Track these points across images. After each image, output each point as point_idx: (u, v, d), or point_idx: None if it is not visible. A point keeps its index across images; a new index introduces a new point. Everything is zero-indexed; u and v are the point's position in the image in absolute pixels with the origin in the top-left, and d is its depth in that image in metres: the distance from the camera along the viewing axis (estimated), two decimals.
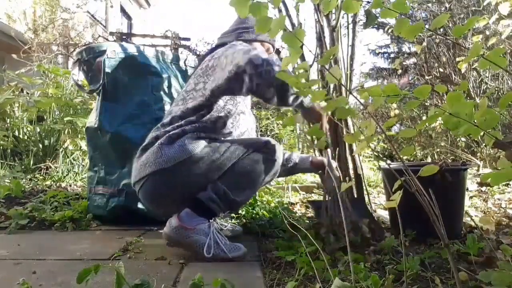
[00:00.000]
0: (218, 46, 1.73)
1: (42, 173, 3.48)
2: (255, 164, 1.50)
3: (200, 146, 1.49)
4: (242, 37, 1.72)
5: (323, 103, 1.54)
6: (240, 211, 2.16)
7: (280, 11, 1.92)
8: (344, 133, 1.89)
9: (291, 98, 1.50)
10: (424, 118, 5.08)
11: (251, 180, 1.52)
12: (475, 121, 0.77)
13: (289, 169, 1.89)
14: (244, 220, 2.06)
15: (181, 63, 2.31)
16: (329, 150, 1.78)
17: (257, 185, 1.56)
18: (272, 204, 2.34)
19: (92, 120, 2.13)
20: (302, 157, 1.92)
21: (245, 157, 1.50)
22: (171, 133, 1.52)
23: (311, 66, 1.90)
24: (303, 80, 1.00)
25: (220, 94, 1.56)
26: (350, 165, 1.91)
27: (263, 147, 1.53)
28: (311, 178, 3.57)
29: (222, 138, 1.58)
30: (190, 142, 1.48)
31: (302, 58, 1.95)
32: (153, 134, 1.57)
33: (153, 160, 1.48)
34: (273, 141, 1.58)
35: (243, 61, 1.44)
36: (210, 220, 1.50)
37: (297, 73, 1.02)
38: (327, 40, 1.89)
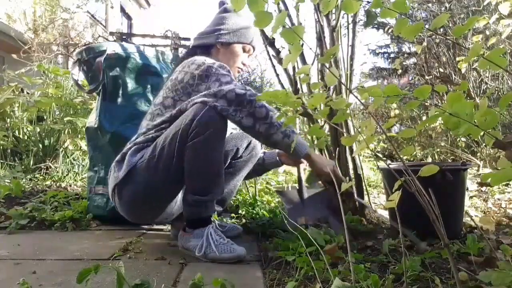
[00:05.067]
0: (195, 47, 1.72)
1: (42, 173, 3.48)
2: (196, 156, 1.44)
3: (140, 154, 1.53)
4: (222, 39, 1.68)
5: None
6: (240, 211, 2.16)
7: (280, 11, 1.92)
8: (345, 134, 1.89)
9: (277, 136, 1.45)
10: (424, 118, 5.08)
11: (206, 174, 1.48)
12: (475, 121, 0.77)
13: (258, 168, 1.87)
14: (244, 220, 2.06)
15: None
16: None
17: (216, 172, 1.50)
18: (272, 204, 2.34)
19: (92, 120, 2.13)
20: (267, 153, 1.89)
21: (185, 150, 1.43)
22: (124, 149, 1.60)
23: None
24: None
25: None
26: (350, 165, 1.91)
27: (190, 130, 1.41)
28: None
29: None
30: (133, 154, 1.54)
31: (303, 59, 1.94)
32: (123, 150, 1.62)
33: (109, 178, 1.61)
34: (202, 115, 1.41)
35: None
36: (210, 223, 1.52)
37: (299, 77, 1.01)
38: (327, 40, 1.89)
